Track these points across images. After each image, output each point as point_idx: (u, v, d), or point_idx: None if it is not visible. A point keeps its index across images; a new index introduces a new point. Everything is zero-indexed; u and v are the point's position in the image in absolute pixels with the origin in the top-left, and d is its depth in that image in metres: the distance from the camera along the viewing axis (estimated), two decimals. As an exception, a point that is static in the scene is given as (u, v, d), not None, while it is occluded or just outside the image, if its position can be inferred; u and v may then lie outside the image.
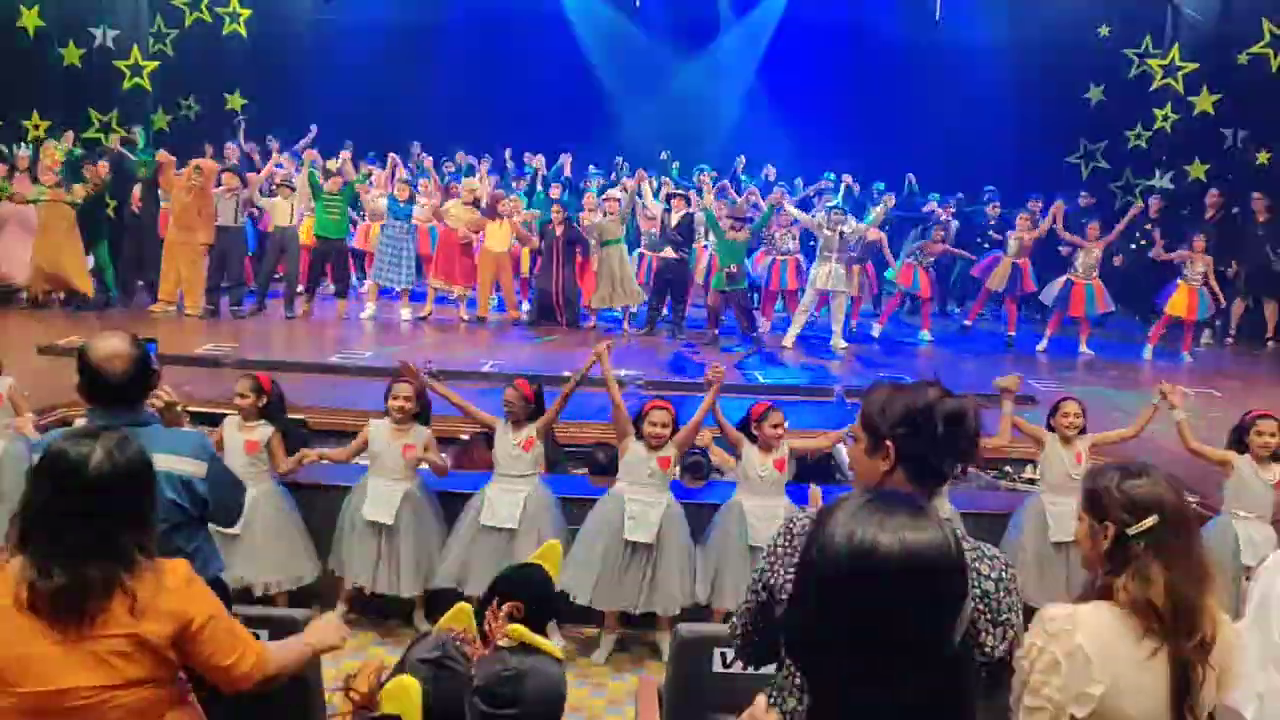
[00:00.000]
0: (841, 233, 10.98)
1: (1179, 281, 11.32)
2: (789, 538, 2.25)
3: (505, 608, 2.85)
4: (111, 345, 3.21)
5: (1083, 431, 5.80)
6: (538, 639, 2.75)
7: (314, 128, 13.96)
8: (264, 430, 5.57)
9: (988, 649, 2.15)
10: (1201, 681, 2.20)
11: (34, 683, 2.26)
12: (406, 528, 5.64)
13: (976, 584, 2.14)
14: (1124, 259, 12.77)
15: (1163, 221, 12.86)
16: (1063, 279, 11.59)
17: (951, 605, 1.43)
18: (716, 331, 11.40)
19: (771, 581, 2.25)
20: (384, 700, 2.46)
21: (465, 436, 7.26)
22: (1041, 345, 11.48)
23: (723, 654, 3.81)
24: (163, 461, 3.24)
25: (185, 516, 3.34)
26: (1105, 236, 11.57)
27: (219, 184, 11.47)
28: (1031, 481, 6.89)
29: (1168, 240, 12.04)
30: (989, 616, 2.15)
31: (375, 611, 5.88)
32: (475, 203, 11.83)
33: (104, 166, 11.75)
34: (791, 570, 2.13)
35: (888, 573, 1.39)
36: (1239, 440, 5.59)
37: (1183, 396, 5.70)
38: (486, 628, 2.80)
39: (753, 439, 5.64)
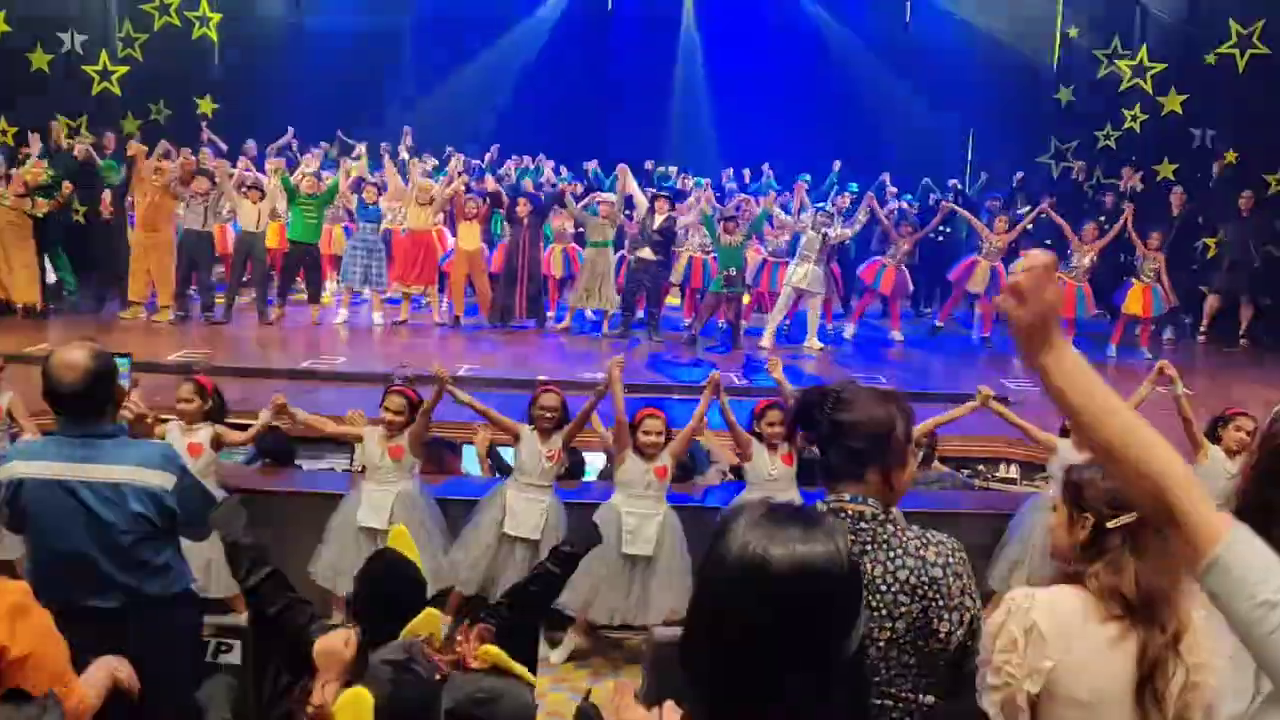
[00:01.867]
0: (825, 234, 11.01)
1: (1133, 280, 11.41)
2: None
3: (477, 629, 2.86)
4: (69, 356, 3.18)
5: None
6: (511, 663, 2.75)
7: (291, 130, 13.93)
8: (205, 432, 5.49)
9: (943, 635, 2.17)
10: (1171, 674, 2.23)
11: None
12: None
13: (923, 572, 2.16)
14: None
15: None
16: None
17: (844, 616, 1.44)
18: (698, 334, 11.41)
19: None
20: (337, 712, 2.44)
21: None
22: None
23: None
24: (129, 474, 3.22)
25: (153, 529, 3.30)
26: (1101, 240, 11.54)
27: (188, 183, 11.36)
28: (1009, 481, 6.93)
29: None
30: (940, 603, 2.17)
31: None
32: (430, 203, 11.72)
33: (68, 186, 11.47)
34: None
35: (777, 585, 1.39)
36: (1213, 432, 5.71)
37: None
38: (458, 647, 2.79)
39: (758, 438, 5.66)
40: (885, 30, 16.32)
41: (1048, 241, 12.16)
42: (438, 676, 2.73)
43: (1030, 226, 12.05)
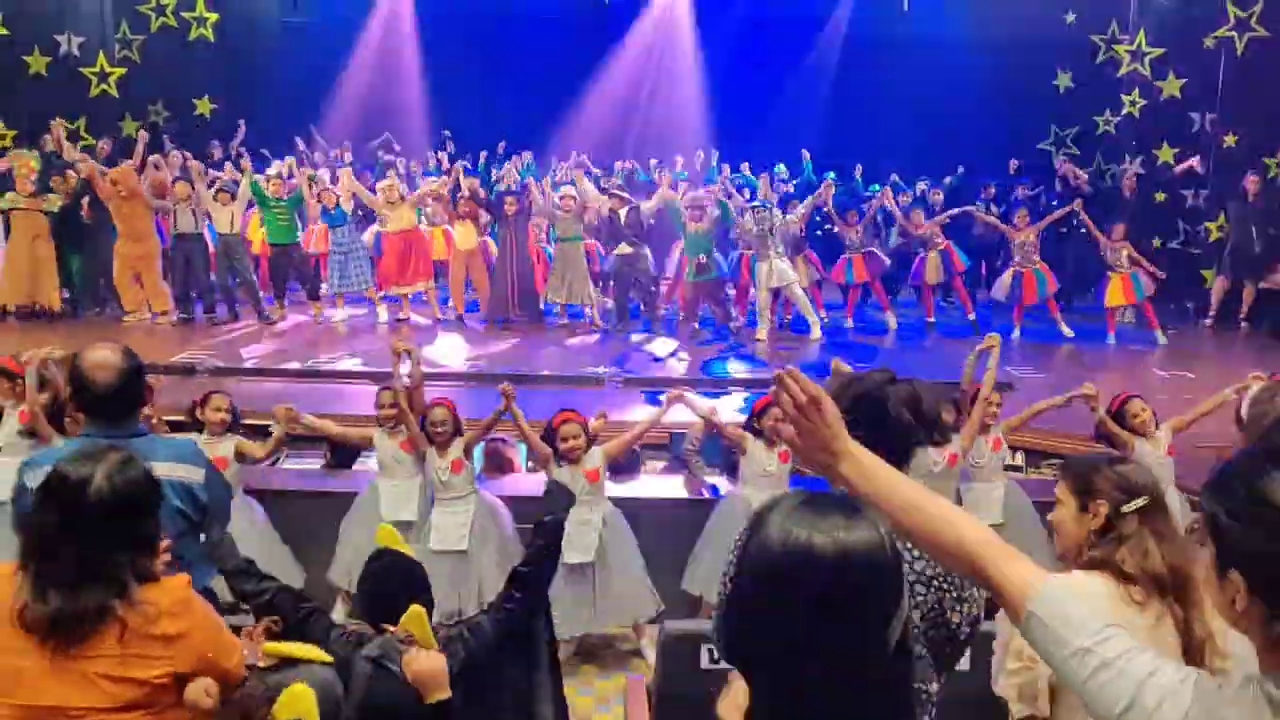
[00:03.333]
0: (772, 228, 10.97)
1: (1108, 274, 11.42)
2: None
3: (261, 626, 2.90)
4: (101, 356, 3.20)
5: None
6: (297, 649, 2.72)
7: (242, 124, 14.13)
8: (228, 444, 5.57)
9: (953, 625, 2.18)
10: (1204, 645, 2.27)
11: (26, 696, 2.26)
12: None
13: (935, 564, 2.16)
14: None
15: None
16: (1009, 272, 11.60)
17: (888, 604, 1.43)
18: (697, 324, 11.42)
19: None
20: (278, 710, 2.44)
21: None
22: (1015, 334, 11.53)
23: (710, 650, 3.82)
24: (167, 469, 3.25)
25: (189, 524, 3.35)
26: (1035, 224, 11.59)
27: (163, 195, 11.39)
28: (1015, 468, 6.93)
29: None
30: (954, 594, 2.18)
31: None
32: (401, 200, 11.70)
33: (72, 176, 11.56)
34: None
35: (822, 573, 1.39)
36: (1122, 423, 5.74)
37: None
38: (244, 650, 2.71)
39: (757, 434, 5.65)
40: (882, 18, 16.28)
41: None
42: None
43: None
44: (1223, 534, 1.40)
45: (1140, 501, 2.35)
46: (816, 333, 11.15)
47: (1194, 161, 13.10)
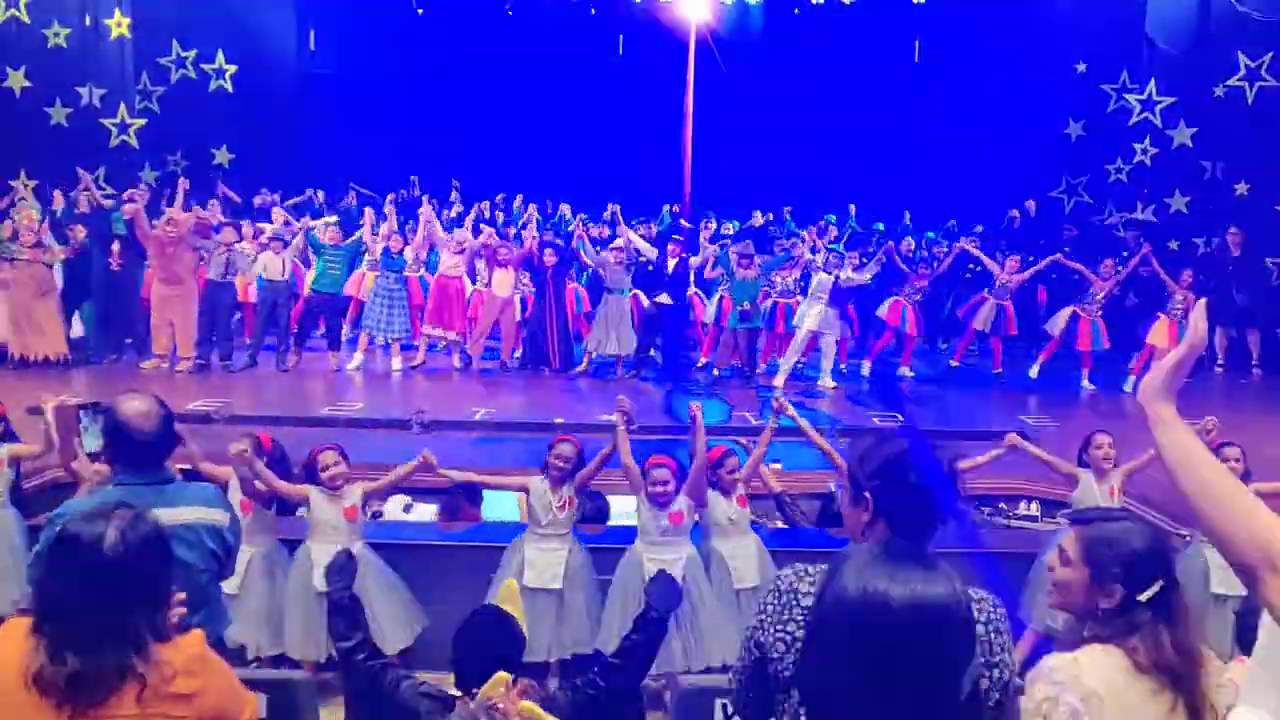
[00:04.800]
0: (837, 277, 11.07)
1: (1160, 314, 11.40)
2: (778, 595, 2.25)
3: (519, 686, 2.86)
4: (140, 406, 3.26)
5: (1114, 465, 5.79)
6: (547, 716, 2.76)
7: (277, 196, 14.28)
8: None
9: (982, 692, 2.16)
10: None
11: None
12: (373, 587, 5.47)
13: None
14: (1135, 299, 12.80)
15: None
16: (1068, 310, 11.62)
17: (961, 657, 1.45)
18: (720, 373, 11.49)
19: (762, 639, 2.24)
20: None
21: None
22: (1034, 370, 11.50)
23: (724, 705, 3.80)
24: (199, 514, 3.33)
25: (218, 566, 3.42)
26: (1119, 275, 11.60)
27: (208, 235, 11.52)
28: (1030, 518, 6.89)
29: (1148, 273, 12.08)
30: (982, 660, 2.16)
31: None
32: (462, 251, 11.88)
33: (81, 229, 11.66)
34: (780, 628, 2.18)
35: (899, 625, 1.40)
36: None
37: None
38: (499, 705, 2.79)
39: (712, 485, 5.64)
40: (894, 69, 16.42)
41: (1053, 276, 12.23)
42: None
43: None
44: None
45: (1155, 589, 2.32)
46: (827, 381, 11.17)
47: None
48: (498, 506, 7.13)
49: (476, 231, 12.39)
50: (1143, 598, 2.28)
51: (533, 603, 5.40)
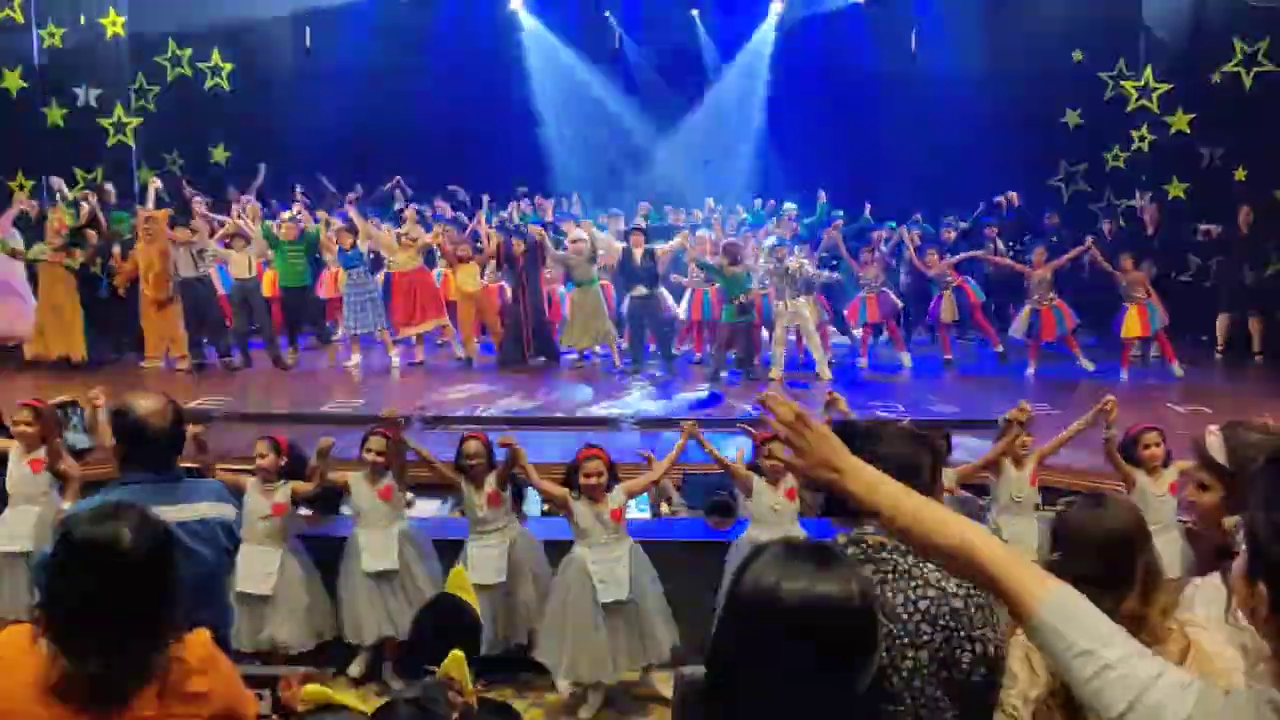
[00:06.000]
0: (786, 269, 11.02)
1: (1125, 305, 11.39)
2: None
3: (300, 674, 2.94)
4: (152, 405, 3.29)
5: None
6: (335, 695, 2.74)
7: (261, 167, 14.41)
8: (286, 490, 5.55)
9: (964, 666, 2.16)
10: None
11: None
12: (407, 570, 5.62)
13: (944, 602, 2.16)
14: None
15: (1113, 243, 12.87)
16: (1027, 309, 11.58)
17: (854, 650, 1.47)
18: (721, 366, 11.40)
19: None
20: None
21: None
22: (1030, 371, 11.50)
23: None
24: (210, 509, 3.37)
25: (229, 561, 3.50)
26: (1051, 261, 11.58)
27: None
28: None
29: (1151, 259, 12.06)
30: (962, 633, 2.16)
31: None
32: (413, 244, 11.83)
33: (93, 234, 11.78)
34: None
35: (787, 616, 1.43)
36: (1130, 455, 5.70)
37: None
38: (282, 696, 2.82)
39: (760, 473, 5.61)
40: (892, 61, 16.39)
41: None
42: (455, 716, 2.75)
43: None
44: (1259, 544, 1.40)
45: None
46: (824, 372, 11.14)
47: (1214, 229, 13.09)
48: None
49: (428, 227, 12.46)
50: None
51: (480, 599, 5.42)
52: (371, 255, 12.29)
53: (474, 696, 2.90)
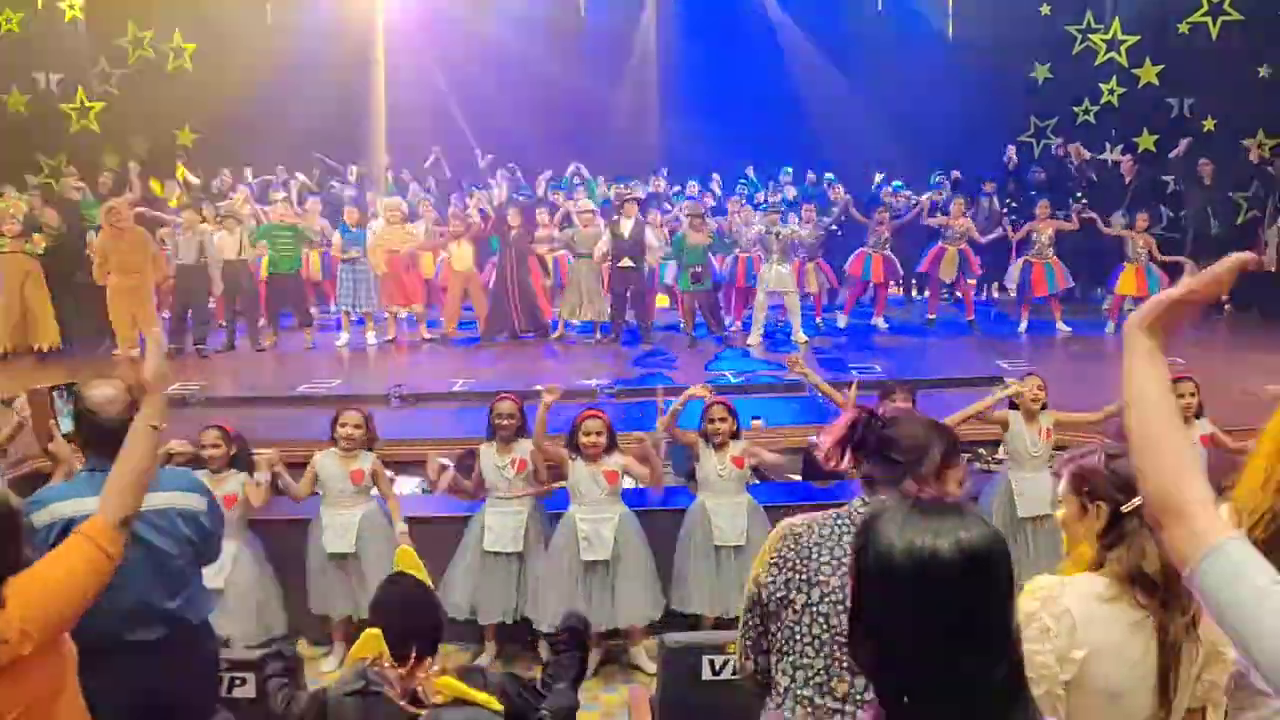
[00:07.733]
0: (778, 234, 11.05)
1: (1124, 263, 11.45)
2: (793, 541, 2.43)
3: (428, 663, 2.86)
4: (106, 392, 3.26)
5: (1044, 407, 5.92)
6: (471, 691, 2.76)
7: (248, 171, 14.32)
8: (236, 480, 5.42)
9: None
10: (1194, 657, 2.25)
11: None
12: (365, 551, 5.58)
13: None
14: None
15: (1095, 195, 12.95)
16: (1020, 261, 11.69)
17: (1008, 589, 1.49)
18: (692, 333, 11.44)
19: (762, 595, 2.39)
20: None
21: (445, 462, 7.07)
22: (1022, 327, 11.59)
23: (711, 661, 3.83)
24: (171, 499, 3.35)
25: (194, 553, 3.42)
26: (1056, 216, 11.70)
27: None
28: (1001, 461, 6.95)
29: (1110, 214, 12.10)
30: None
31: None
32: (402, 221, 11.69)
33: (53, 214, 11.54)
34: (777, 574, 2.39)
35: (951, 575, 1.44)
36: None
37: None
38: (418, 686, 2.79)
39: (707, 438, 5.63)
40: (858, 20, 16.33)
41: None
42: (403, 704, 2.76)
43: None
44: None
45: (1138, 500, 2.34)
46: (798, 335, 11.19)
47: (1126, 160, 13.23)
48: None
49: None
50: (1126, 509, 2.30)
51: (492, 567, 5.55)
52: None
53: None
